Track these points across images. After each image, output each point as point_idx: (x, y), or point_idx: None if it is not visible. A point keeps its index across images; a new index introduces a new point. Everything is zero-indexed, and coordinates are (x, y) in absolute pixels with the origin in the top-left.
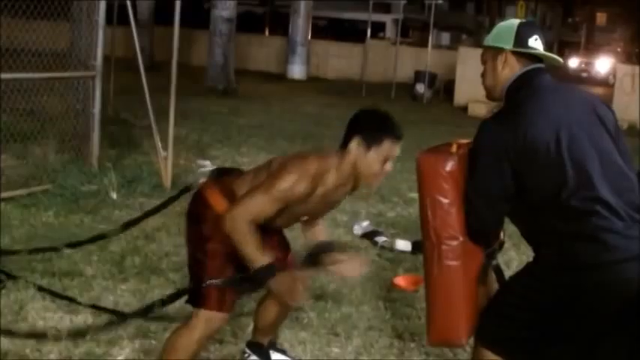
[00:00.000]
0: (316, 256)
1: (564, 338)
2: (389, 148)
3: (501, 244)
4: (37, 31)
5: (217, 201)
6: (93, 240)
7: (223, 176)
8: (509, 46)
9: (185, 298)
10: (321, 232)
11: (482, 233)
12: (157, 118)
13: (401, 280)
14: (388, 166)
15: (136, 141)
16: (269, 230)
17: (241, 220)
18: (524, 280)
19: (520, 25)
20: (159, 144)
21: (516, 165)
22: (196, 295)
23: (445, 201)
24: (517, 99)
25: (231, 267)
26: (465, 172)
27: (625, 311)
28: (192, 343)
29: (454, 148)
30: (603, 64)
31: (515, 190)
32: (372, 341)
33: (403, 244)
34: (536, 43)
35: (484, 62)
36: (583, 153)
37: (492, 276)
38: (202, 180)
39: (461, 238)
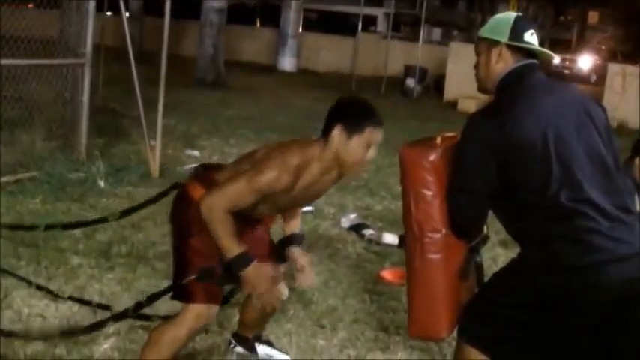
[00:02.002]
0: (281, 249)
1: (548, 337)
2: (370, 134)
3: (485, 239)
4: (27, 18)
5: (199, 194)
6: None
7: (207, 171)
8: (504, 39)
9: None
10: (295, 223)
11: (464, 227)
12: (146, 109)
13: (387, 274)
14: (371, 152)
15: (125, 130)
16: (251, 222)
17: (218, 208)
18: (509, 278)
19: (517, 19)
20: (146, 134)
21: (502, 161)
22: (183, 291)
23: (428, 193)
24: (508, 94)
25: (214, 262)
26: (450, 165)
27: (609, 312)
28: (180, 338)
29: (438, 141)
30: (585, 62)
31: (501, 187)
32: (358, 334)
33: (390, 238)
34: (531, 38)
35: (478, 54)
36: (570, 152)
37: (474, 274)
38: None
39: (443, 231)
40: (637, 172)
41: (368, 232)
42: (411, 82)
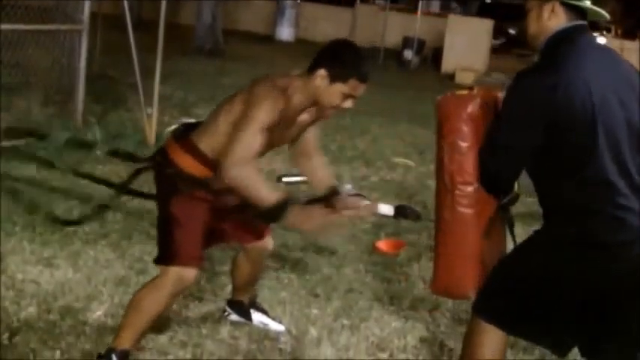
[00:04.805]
0: (329, 199)
1: (570, 312)
2: (353, 86)
3: (516, 198)
4: None
5: (179, 157)
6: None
7: (186, 131)
8: None
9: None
10: (323, 168)
11: (496, 182)
12: (143, 76)
13: (382, 244)
14: (349, 102)
15: (121, 98)
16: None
17: (244, 163)
18: (534, 253)
19: None
20: (143, 101)
21: (550, 123)
22: (165, 254)
23: (463, 145)
24: (557, 53)
25: (201, 218)
26: (486, 117)
27: (635, 289)
28: (162, 300)
29: (476, 92)
30: None
31: (544, 150)
32: (352, 303)
33: (385, 209)
34: None
35: (528, 9)
36: (614, 122)
37: (502, 234)
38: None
39: (475, 185)
40: None
41: (363, 202)
42: (408, 53)
